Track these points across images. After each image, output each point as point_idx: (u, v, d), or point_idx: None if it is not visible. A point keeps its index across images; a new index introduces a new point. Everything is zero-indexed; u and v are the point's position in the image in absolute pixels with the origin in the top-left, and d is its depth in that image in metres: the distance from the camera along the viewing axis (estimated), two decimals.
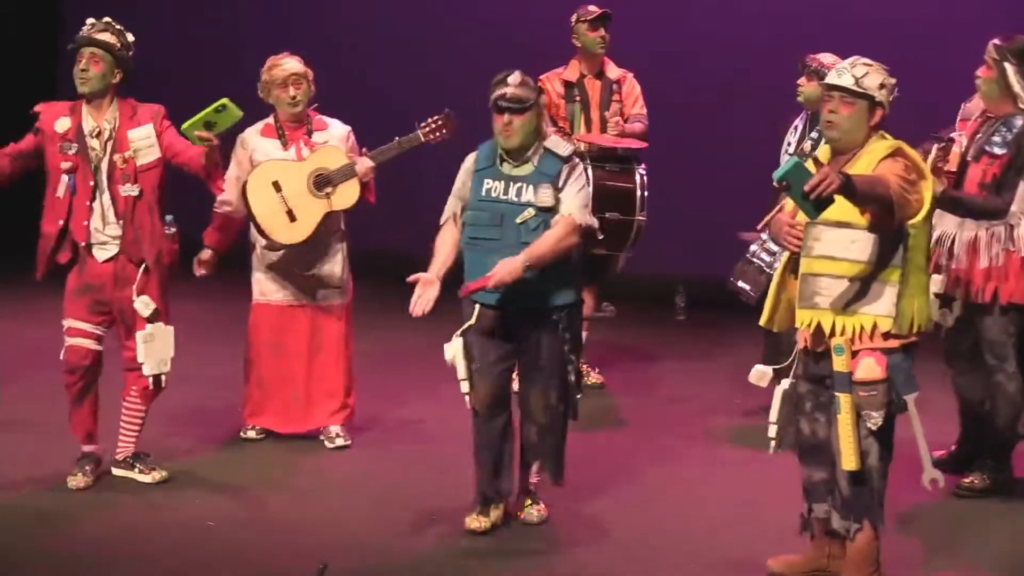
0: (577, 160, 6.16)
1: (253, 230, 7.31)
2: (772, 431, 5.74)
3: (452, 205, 6.22)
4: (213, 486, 6.80)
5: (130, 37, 6.65)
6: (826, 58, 7.45)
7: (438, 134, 7.33)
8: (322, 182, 7.21)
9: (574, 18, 8.45)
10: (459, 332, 6.16)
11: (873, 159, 5.43)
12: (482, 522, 6.24)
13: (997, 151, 6.58)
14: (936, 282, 6.72)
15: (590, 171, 7.95)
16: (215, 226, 7.21)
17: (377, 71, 11.57)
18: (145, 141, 6.58)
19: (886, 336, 5.42)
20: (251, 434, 7.43)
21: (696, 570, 5.98)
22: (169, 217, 6.66)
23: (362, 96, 10.60)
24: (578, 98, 8.37)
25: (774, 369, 5.83)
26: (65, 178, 6.61)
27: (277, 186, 7.19)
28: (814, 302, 5.45)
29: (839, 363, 5.41)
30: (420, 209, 7.38)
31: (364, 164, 7.22)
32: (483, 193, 6.10)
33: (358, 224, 7.55)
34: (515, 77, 6.07)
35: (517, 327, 6.14)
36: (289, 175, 7.19)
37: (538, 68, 8.48)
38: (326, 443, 7.36)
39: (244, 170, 7.22)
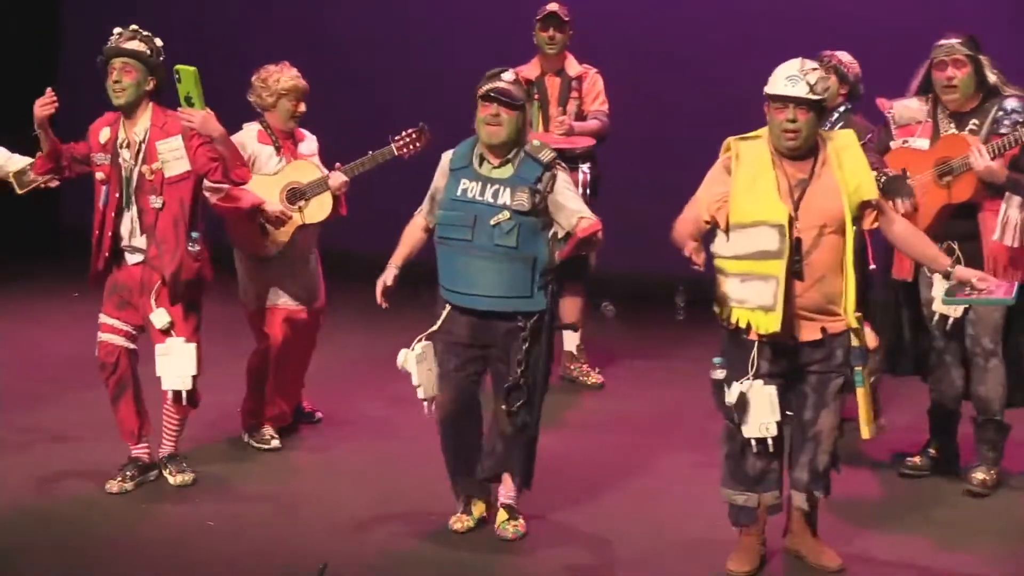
0: (559, 163, 6.07)
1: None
2: (775, 429, 5.73)
3: (427, 201, 6.21)
4: (213, 486, 6.80)
5: (158, 42, 6.61)
6: (844, 56, 7.39)
7: (411, 148, 7.42)
8: (295, 195, 7.32)
9: (540, 12, 8.42)
10: (421, 336, 6.11)
11: (858, 158, 5.65)
12: (464, 521, 6.24)
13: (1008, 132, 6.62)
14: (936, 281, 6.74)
15: None
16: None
17: (372, 72, 11.57)
18: (173, 153, 6.52)
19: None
20: (275, 443, 7.40)
21: (696, 570, 5.99)
22: (195, 234, 6.60)
23: (354, 98, 10.61)
24: (536, 96, 8.35)
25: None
26: (103, 190, 6.62)
27: None
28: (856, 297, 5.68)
29: (859, 338, 5.63)
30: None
31: (338, 178, 7.33)
32: (458, 193, 6.04)
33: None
34: (509, 74, 6.06)
35: (484, 333, 6.06)
36: (262, 188, 7.26)
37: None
38: (304, 420, 7.70)
39: None
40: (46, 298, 10.24)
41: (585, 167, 8.22)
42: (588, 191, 8.11)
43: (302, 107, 7.33)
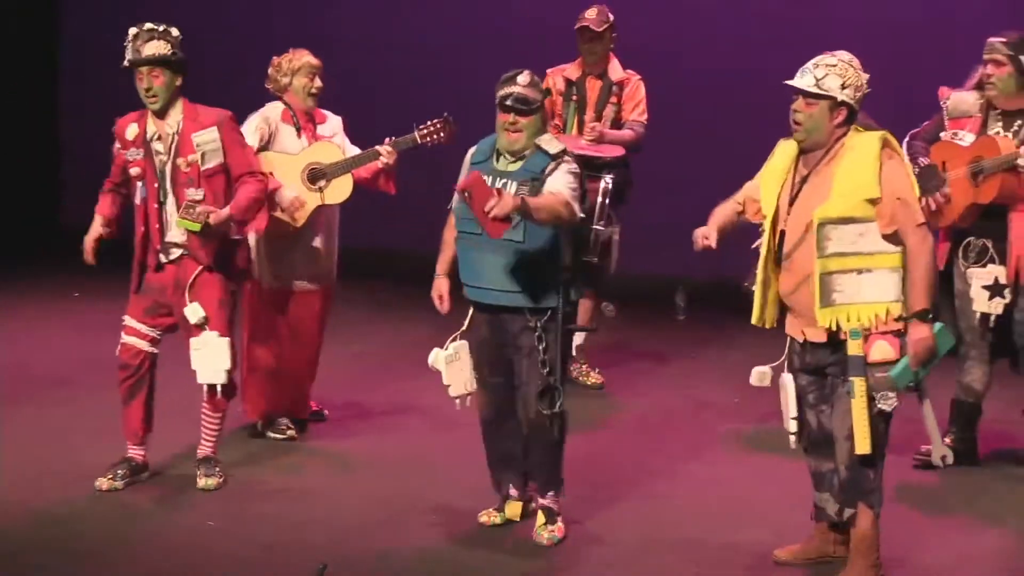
0: (567, 158, 6.03)
1: None
2: (794, 426, 5.71)
3: (455, 198, 6.15)
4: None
5: (174, 32, 6.59)
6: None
7: (434, 138, 7.44)
8: (316, 176, 7.35)
9: (577, 21, 8.35)
10: (455, 335, 6.13)
11: (866, 156, 5.47)
12: (492, 516, 6.28)
13: None
14: (983, 275, 6.83)
15: None
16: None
17: (376, 71, 11.57)
18: (211, 144, 6.53)
19: (897, 320, 5.49)
20: (291, 432, 7.45)
21: (696, 570, 5.98)
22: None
23: (360, 96, 10.60)
24: (575, 98, 8.30)
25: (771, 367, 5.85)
26: (139, 185, 6.62)
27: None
28: (832, 300, 5.49)
29: (854, 347, 5.48)
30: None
31: (389, 152, 7.37)
32: None
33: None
34: (524, 77, 6.02)
35: (500, 330, 6.08)
36: (283, 167, 7.30)
37: (539, 69, 8.47)
38: (310, 418, 7.63)
39: (257, 138, 7.28)
40: (46, 298, 10.23)
41: (608, 177, 8.02)
42: (607, 200, 7.99)
43: (317, 82, 7.39)
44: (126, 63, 6.55)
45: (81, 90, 12.29)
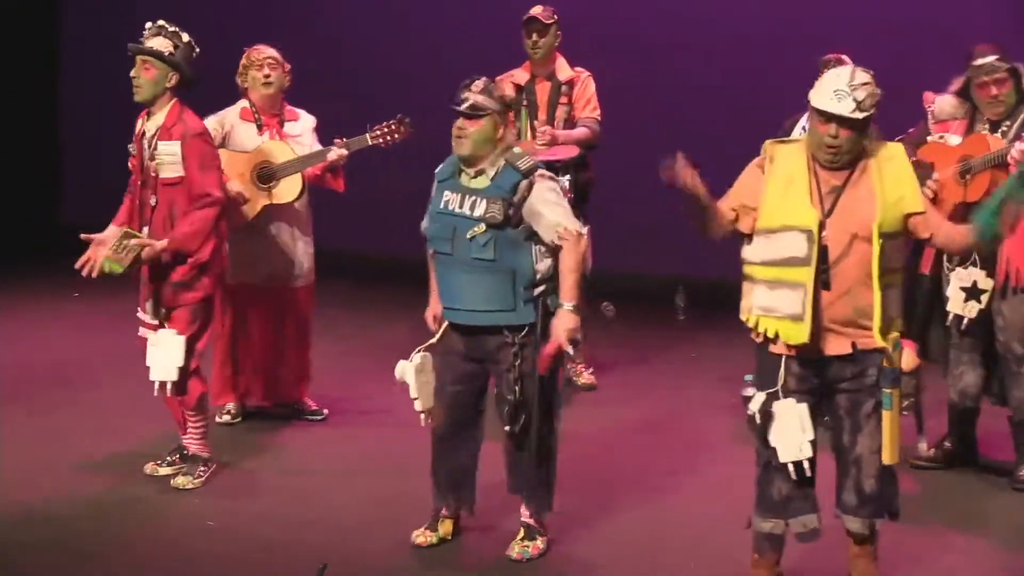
0: (540, 172, 5.89)
1: None
2: (809, 449, 5.48)
3: (425, 220, 6.07)
4: (212, 485, 6.79)
5: (185, 37, 6.64)
6: (846, 60, 7.36)
7: (387, 139, 7.46)
8: (266, 175, 7.41)
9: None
10: (418, 349, 6.04)
11: (903, 168, 5.40)
12: (428, 536, 6.14)
13: None
14: (963, 276, 6.80)
15: None
16: None
17: (376, 71, 11.58)
18: (169, 157, 6.55)
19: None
20: (226, 418, 7.59)
21: (696, 570, 5.98)
22: None
23: (360, 96, 10.61)
24: (525, 103, 8.13)
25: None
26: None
27: None
28: (883, 315, 5.39)
29: (896, 359, 5.39)
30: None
31: (337, 152, 7.47)
32: (441, 205, 5.93)
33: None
34: (478, 84, 5.92)
35: (477, 347, 5.95)
36: (233, 165, 7.35)
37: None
38: (308, 418, 7.71)
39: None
40: (46, 298, 10.24)
41: (564, 178, 7.87)
42: (568, 198, 7.93)
43: (266, 70, 7.45)
44: (128, 51, 6.62)
45: (81, 90, 12.30)
